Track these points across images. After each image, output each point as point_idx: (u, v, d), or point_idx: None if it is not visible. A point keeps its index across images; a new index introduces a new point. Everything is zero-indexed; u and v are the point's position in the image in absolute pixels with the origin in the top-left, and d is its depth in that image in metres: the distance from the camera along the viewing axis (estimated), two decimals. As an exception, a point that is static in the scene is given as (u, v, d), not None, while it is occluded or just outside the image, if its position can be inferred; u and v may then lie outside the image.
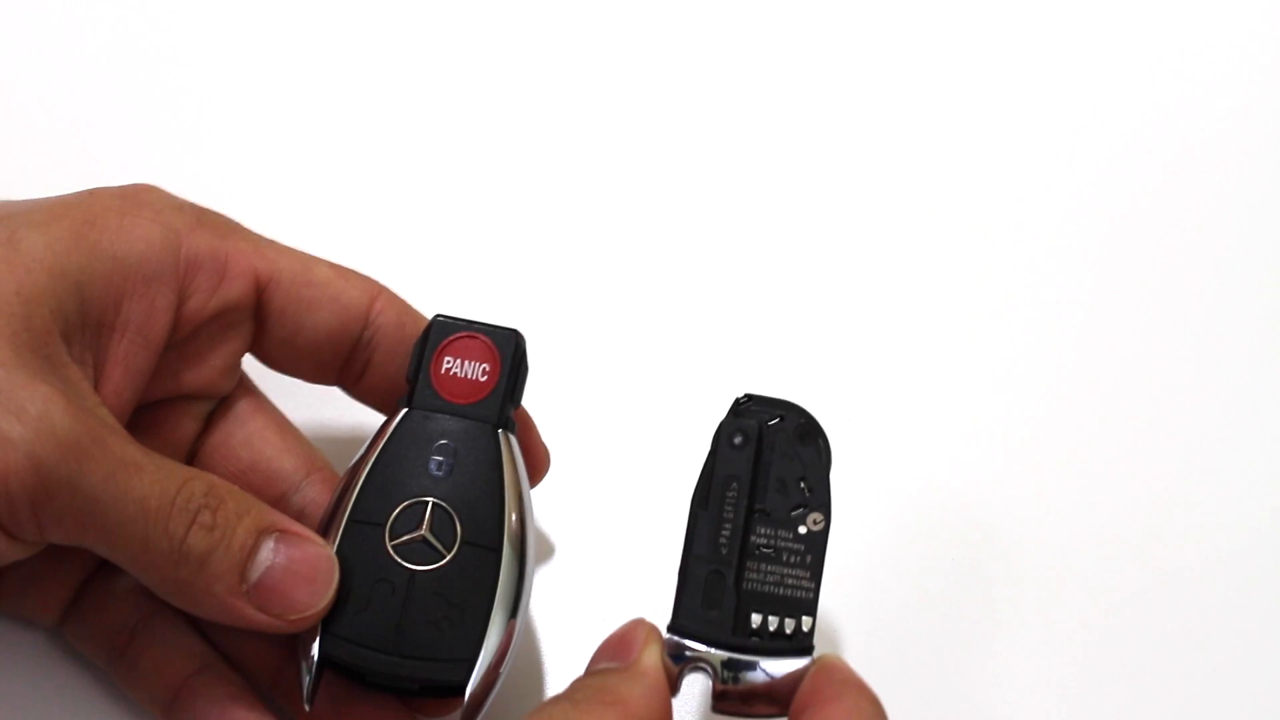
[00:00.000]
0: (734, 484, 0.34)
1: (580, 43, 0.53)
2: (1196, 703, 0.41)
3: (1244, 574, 0.44)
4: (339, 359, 0.38)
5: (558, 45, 0.53)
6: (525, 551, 0.35)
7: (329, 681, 0.35)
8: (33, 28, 0.50)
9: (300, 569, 0.33)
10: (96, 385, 0.34)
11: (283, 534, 0.33)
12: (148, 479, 0.31)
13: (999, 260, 0.49)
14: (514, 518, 0.35)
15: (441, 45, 0.52)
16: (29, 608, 0.37)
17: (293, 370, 0.38)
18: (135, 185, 0.35)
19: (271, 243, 0.37)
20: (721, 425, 0.34)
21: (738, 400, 0.35)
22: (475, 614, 0.34)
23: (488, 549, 0.34)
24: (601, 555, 0.42)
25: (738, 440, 0.34)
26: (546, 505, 0.41)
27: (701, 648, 0.33)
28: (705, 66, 0.53)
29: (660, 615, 0.33)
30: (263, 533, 0.33)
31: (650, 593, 0.35)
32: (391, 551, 0.34)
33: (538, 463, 0.39)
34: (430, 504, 0.35)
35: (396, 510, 0.35)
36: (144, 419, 0.36)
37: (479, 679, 0.33)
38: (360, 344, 0.37)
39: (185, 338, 0.36)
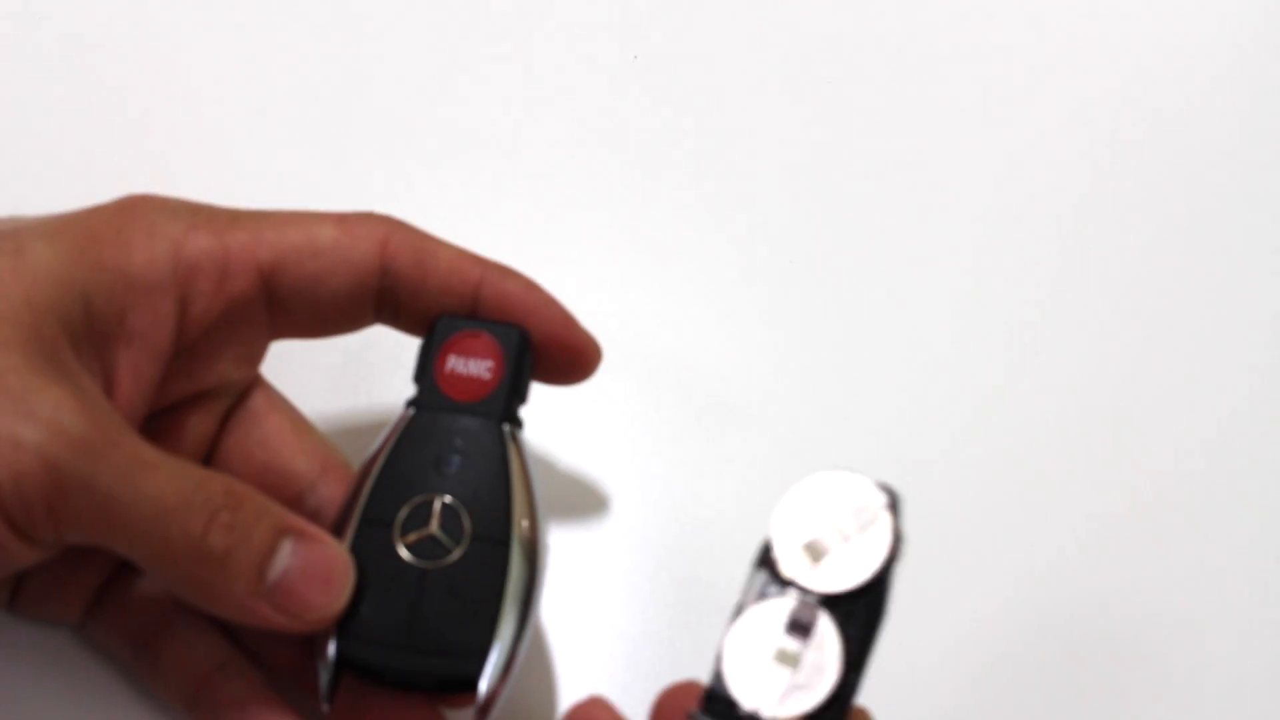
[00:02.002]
0: None
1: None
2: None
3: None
4: (367, 310, 0.37)
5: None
6: (536, 544, 0.35)
7: (348, 679, 0.35)
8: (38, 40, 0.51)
9: (317, 570, 0.34)
10: (107, 395, 0.34)
11: (299, 535, 0.34)
12: (163, 477, 0.32)
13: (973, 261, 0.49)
14: (523, 512, 0.35)
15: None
16: (51, 610, 0.38)
17: (326, 334, 0.38)
18: (130, 198, 0.36)
19: (272, 220, 0.36)
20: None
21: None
22: (487, 607, 0.34)
23: (497, 543, 0.35)
24: (619, 557, 0.42)
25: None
26: (567, 506, 0.42)
27: None
28: (696, 77, 0.52)
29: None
30: (280, 534, 0.33)
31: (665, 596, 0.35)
32: (402, 550, 0.35)
33: (580, 354, 0.39)
34: (438, 501, 0.35)
35: (405, 509, 0.35)
36: (161, 422, 0.37)
37: (493, 672, 0.34)
38: (384, 291, 0.37)
39: (195, 340, 0.36)
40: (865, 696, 0.30)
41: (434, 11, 0.52)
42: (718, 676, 0.30)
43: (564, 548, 0.42)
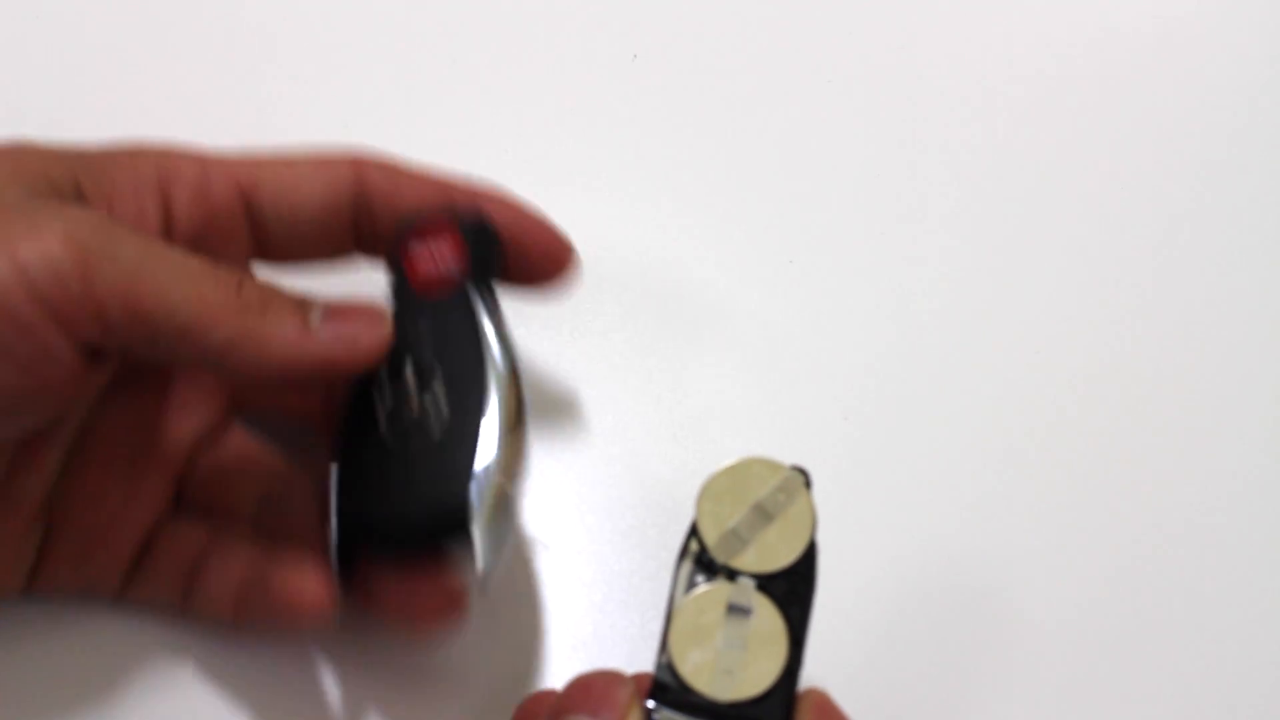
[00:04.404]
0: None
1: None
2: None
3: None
4: (345, 231, 0.38)
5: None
6: (513, 383, 0.35)
7: (364, 566, 0.36)
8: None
9: (355, 310, 0.35)
10: None
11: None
12: (181, 254, 0.33)
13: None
14: (496, 351, 0.35)
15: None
16: (93, 573, 0.37)
17: (307, 257, 0.39)
18: (129, 143, 0.38)
19: (248, 155, 0.38)
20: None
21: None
22: (466, 441, 0.34)
23: (472, 382, 0.35)
24: (620, 561, 0.42)
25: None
26: (557, 497, 0.42)
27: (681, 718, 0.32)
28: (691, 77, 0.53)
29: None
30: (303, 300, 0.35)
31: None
32: (383, 419, 0.35)
33: (554, 255, 0.39)
34: (411, 362, 0.35)
35: (384, 369, 0.35)
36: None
37: (483, 494, 0.33)
38: (360, 213, 0.38)
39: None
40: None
41: (433, 11, 0.53)
42: (666, 667, 0.32)
43: (565, 545, 0.42)
